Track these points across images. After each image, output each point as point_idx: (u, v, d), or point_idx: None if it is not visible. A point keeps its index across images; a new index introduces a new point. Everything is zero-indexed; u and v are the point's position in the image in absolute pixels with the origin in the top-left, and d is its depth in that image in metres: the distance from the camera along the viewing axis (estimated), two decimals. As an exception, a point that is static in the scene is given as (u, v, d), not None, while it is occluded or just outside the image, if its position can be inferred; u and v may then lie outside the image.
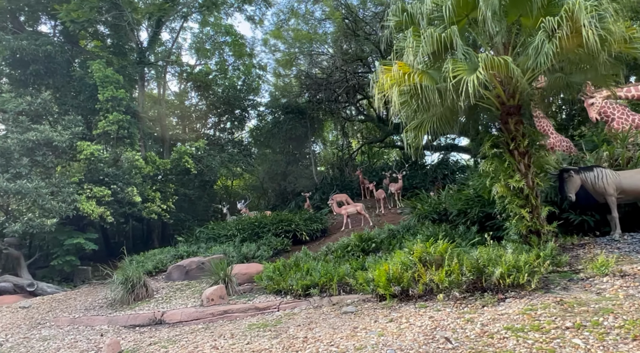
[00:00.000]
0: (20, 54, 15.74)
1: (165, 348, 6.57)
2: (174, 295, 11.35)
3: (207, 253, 14.43)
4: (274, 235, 15.13)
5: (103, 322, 10.03)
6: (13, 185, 12.92)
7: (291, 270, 9.61)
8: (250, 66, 25.13)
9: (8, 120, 14.62)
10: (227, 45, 27.37)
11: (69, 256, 14.88)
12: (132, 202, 16.49)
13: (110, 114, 16.22)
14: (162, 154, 22.49)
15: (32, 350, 8.28)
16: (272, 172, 25.15)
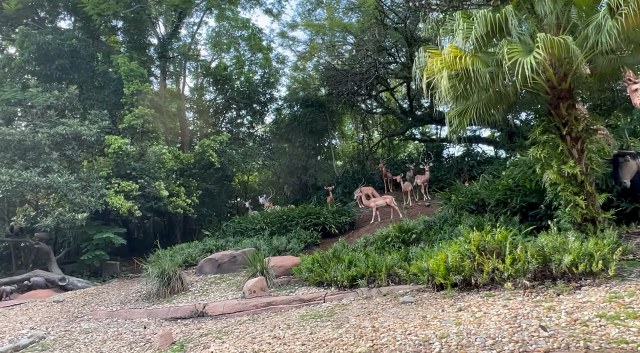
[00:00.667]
0: (45, 49, 15.69)
1: (220, 339, 6.43)
2: (209, 288, 11.25)
3: (237, 247, 14.32)
4: (303, 228, 14.98)
5: (142, 314, 9.95)
6: (45, 179, 12.89)
7: (332, 262, 9.43)
8: (269, 60, 24.92)
9: (35, 115, 14.59)
10: (243, 39, 27.20)
11: (98, 251, 14.87)
12: (159, 196, 16.43)
13: (135, 108, 16.14)
14: (181, 149, 22.42)
15: (76, 343, 8.21)
16: (292, 166, 24.98)
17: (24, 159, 13.36)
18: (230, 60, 27.06)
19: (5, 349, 8.31)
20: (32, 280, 13.71)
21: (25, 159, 13.36)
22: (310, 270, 9.63)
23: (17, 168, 12.99)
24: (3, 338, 9.18)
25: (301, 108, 24.49)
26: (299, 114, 24.49)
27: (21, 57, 15.91)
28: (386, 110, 24.69)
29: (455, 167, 20.04)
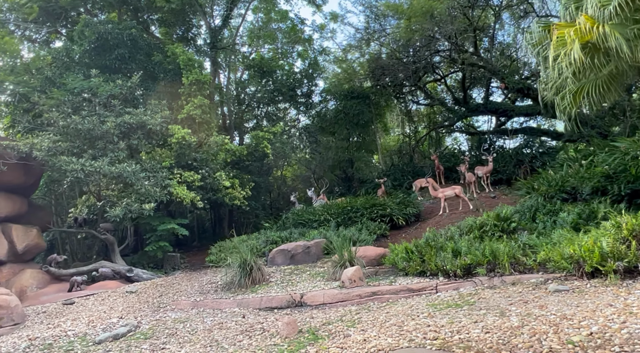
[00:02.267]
0: (105, 38, 15.54)
1: (353, 328, 6.02)
2: (291, 278, 10.89)
3: (303, 238, 13.97)
4: (369, 220, 14.53)
5: (231, 304, 9.64)
6: (114, 169, 12.71)
7: (431, 251, 8.95)
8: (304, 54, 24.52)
9: (99, 104, 14.44)
10: (283, 31, 26.85)
11: (162, 242, 14.68)
12: (217, 188, 16.18)
13: (194, 98, 15.90)
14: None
15: (179, 331, 7.92)
16: (337, 159, 24.54)
17: (93, 148, 13.20)
18: (268, 52, 26.78)
19: (105, 337, 8.07)
20: (101, 270, 13.58)
21: (94, 148, 13.20)
22: (408, 260, 9.18)
23: (87, 157, 12.83)
24: (95, 327, 8.96)
25: (346, 100, 23.99)
26: (343, 106, 24.00)
27: (80, 47, 15.80)
28: (434, 101, 24.05)
29: (514, 158, 19.31)
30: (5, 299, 10.04)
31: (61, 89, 13.88)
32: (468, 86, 21.48)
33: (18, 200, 14.06)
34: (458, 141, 30.75)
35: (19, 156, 12.83)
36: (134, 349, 7.20)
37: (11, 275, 13.26)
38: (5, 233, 13.54)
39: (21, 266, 13.71)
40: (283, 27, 27.01)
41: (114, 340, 8.03)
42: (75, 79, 14.05)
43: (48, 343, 8.26)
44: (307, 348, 5.51)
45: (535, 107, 19.83)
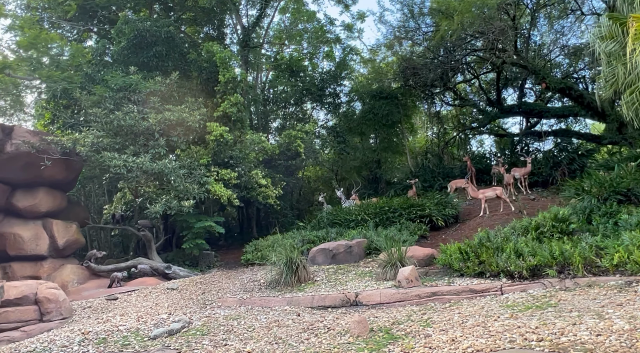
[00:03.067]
0: (143, 36, 15.60)
1: (429, 327, 5.82)
2: (336, 277, 10.72)
3: (341, 238, 13.80)
4: (408, 220, 14.28)
5: (281, 302, 9.51)
6: (156, 165, 12.70)
7: (488, 251, 8.69)
8: (345, 52, 24.39)
9: (138, 101, 14.48)
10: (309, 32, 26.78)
11: (198, 240, 14.62)
12: (250, 186, 16.11)
13: (231, 96, 15.86)
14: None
15: (235, 328, 7.80)
16: (365, 159, 24.33)
17: (134, 145, 13.22)
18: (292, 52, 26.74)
19: (159, 333, 7.99)
20: (139, 267, 13.57)
21: (135, 145, 13.22)
22: (464, 260, 8.94)
23: (128, 153, 12.85)
24: (146, 323, 8.89)
25: (374, 100, 23.78)
26: (371, 106, 23.78)
27: (118, 45, 15.89)
28: (464, 102, 23.70)
29: (551, 161, 18.87)
30: (54, 293, 10.06)
31: (102, 85, 13.95)
32: (502, 86, 21.10)
33: (59, 196, 14.17)
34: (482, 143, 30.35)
35: (62, 151, 12.91)
36: (195, 345, 7.09)
37: (52, 270, 13.33)
38: (46, 228, 13.63)
39: (61, 262, 13.78)
40: (310, 28, 26.97)
41: (169, 335, 7.95)
42: (116, 75, 14.10)
43: (102, 337, 8.21)
44: (388, 347, 5.32)
45: (572, 108, 19.38)
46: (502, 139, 27.07)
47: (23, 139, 12.42)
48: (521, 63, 16.07)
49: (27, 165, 12.82)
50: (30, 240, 13.10)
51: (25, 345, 8.27)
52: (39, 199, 13.45)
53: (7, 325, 9.43)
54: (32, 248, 13.09)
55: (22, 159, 12.60)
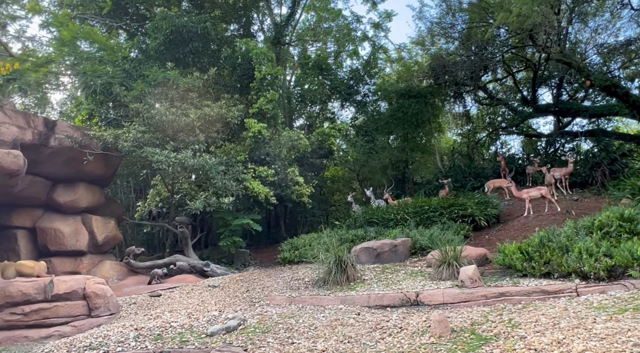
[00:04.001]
0: (180, 31, 15.52)
1: (518, 329, 5.51)
2: (386, 276, 10.44)
3: (382, 237, 13.53)
4: (450, 220, 13.95)
5: (333, 301, 9.26)
6: (197, 161, 12.57)
7: (553, 251, 8.35)
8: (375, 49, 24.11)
9: (175, 97, 14.37)
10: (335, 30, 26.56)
11: (235, 237, 14.46)
12: (285, 184, 15.91)
13: (267, 92, 15.69)
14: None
15: (296, 326, 7.58)
16: (393, 159, 23.99)
17: (175, 140, 13.11)
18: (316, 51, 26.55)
19: (216, 330, 7.81)
20: (178, 264, 13.46)
21: (176, 140, 13.10)
22: (527, 260, 8.61)
23: (169, 149, 12.73)
24: (198, 320, 8.71)
25: (403, 99, 23.45)
26: (400, 105, 23.45)
27: (154, 41, 15.83)
28: (496, 101, 23.22)
29: (590, 161, 18.34)
30: (102, 288, 9.94)
31: (141, 80, 13.87)
32: (539, 83, 20.60)
33: (97, 191, 14.13)
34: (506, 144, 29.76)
35: (103, 146, 12.85)
36: (259, 343, 6.88)
37: (91, 266, 13.28)
38: (85, 223, 13.59)
39: (99, 258, 13.73)
40: (334, 26, 26.75)
41: (227, 333, 7.76)
42: (156, 71, 14.03)
43: (156, 333, 8.06)
44: (484, 348, 5.05)
45: (612, 107, 18.83)
46: (529, 140, 26.56)
47: (66, 133, 12.38)
48: (565, 60, 15.62)
49: (69, 160, 12.79)
50: (70, 235, 13.06)
51: (79, 340, 8.16)
52: (79, 195, 13.42)
53: (57, 319, 9.33)
54: (72, 244, 13.04)
55: (65, 154, 12.56)
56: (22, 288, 9.35)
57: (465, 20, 19.93)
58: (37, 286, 9.43)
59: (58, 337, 9.00)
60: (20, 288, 9.34)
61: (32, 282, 9.54)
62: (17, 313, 9.22)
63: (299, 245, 14.68)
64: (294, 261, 14.13)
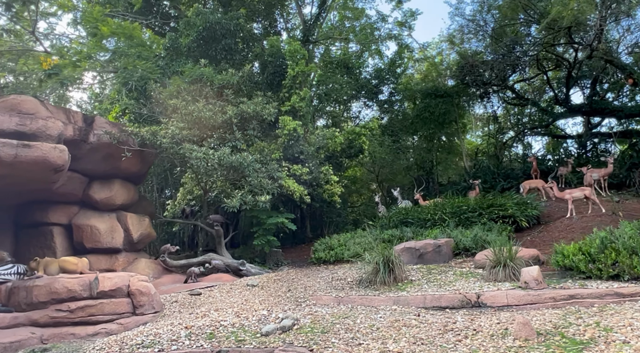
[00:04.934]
0: (214, 28, 15.38)
1: (612, 332, 5.20)
2: (434, 277, 10.14)
3: (420, 237, 13.24)
4: (490, 220, 13.60)
5: (386, 302, 8.99)
6: (235, 158, 12.39)
7: (619, 253, 8.02)
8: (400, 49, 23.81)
9: (208, 94, 14.22)
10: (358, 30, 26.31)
11: (269, 236, 14.24)
12: (317, 183, 15.68)
13: (300, 90, 15.49)
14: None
15: (354, 327, 7.31)
16: (419, 159, 23.70)
17: (212, 138, 12.94)
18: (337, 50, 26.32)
19: (271, 329, 7.60)
20: (214, 263, 13.28)
21: (213, 138, 12.94)
22: (592, 262, 8.27)
23: (207, 146, 12.57)
24: (247, 319, 8.50)
25: (430, 99, 23.13)
26: (426, 105, 23.12)
27: (187, 38, 15.71)
28: (525, 101, 22.79)
29: (628, 162, 17.89)
30: (146, 286, 9.78)
31: (178, 77, 13.74)
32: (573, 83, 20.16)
33: (132, 189, 14.01)
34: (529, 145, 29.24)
35: (141, 142, 12.73)
36: (323, 343, 6.64)
37: (126, 264, 13.14)
38: (120, 221, 13.47)
39: (134, 255, 13.60)
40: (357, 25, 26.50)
41: (283, 332, 7.53)
42: (191, 68, 13.89)
43: (208, 332, 7.86)
44: None
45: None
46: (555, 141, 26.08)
47: (104, 130, 12.26)
48: (606, 57, 15.21)
49: (106, 156, 12.68)
50: (106, 232, 12.94)
51: (129, 338, 7.99)
52: (114, 192, 13.30)
53: (102, 317, 9.18)
54: (108, 241, 12.92)
55: (103, 151, 12.45)
56: (67, 284, 9.22)
57: (497, 18, 19.60)
58: (82, 283, 9.29)
59: (105, 334, 8.84)
60: (65, 285, 9.21)
61: (77, 279, 9.41)
62: (63, 309, 9.08)
63: (333, 245, 14.42)
64: (330, 261, 13.88)
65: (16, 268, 10.25)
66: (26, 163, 9.03)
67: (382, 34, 26.28)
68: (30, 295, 9.25)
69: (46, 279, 9.45)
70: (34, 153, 9.07)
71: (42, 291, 9.18)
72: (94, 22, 14.20)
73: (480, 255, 10.52)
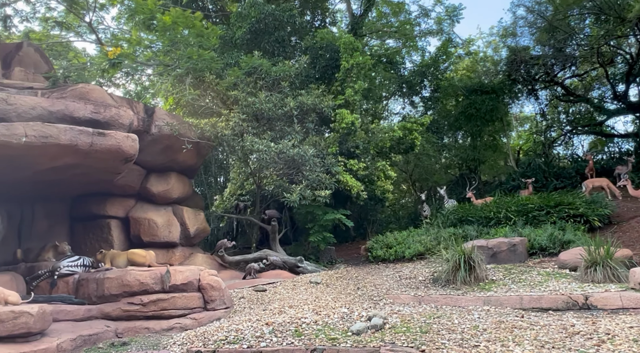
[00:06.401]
0: (266, 20, 15.07)
1: None
2: (518, 277, 9.55)
3: (485, 236, 12.65)
4: (560, 219, 12.91)
5: (475, 302, 8.47)
6: (297, 151, 12.00)
7: None
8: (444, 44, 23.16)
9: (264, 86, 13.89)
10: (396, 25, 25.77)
11: (326, 233, 13.82)
12: (369, 180, 15.21)
13: (355, 83, 15.04)
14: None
15: (454, 327, 6.79)
16: (464, 158, 22.99)
17: (272, 130, 12.59)
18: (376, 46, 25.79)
19: (362, 328, 7.12)
20: (271, 259, 12.94)
21: (274, 130, 12.59)
22: None
23: (267, 139, 12.22)
24: (329, 316, 8.03)
25: (476, 95, 22.44)
26: (472, 101, 22.42)
27: (239, 29, 15.43)
28: (576, 98, 21.90)
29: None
30: (216, 281, 9.46)
31: (234, 68, 13.44)
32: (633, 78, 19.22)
33: (187, 182, 13.79)
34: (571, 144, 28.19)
35: (201, 134, 12.46)
36: (431, 343, 6.14)
37: (183, 259, 12.89)
38: (176, 215, 13.23)
39: (190, 250, 13.35)
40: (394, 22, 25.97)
41: (376, 331, 7.05)
42: (248, 59, 13.57)
43: (292, 329, 7.44)
44: None
45: None
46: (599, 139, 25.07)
47: (165, 121, 12.02)
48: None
49: (165, 149, 12.45)
50: (163, 226, 12.70)
51: (210, 333, 7.63)
52: (171, 185, 13.07)
53: (175, 311, 8.89)
54: (165, 235, 12.68)
55: (162, 142, 12.21)
56: (139, 277, 8.96)
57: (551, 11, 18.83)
58: (153, 276, 9.02)
59: (179, 329, 8.54)
60: (137, 277, 8.96)
61: (148, 271, 9.14)
62: (135, 303, 8.82)
63: (390, 243, 13.92)
64: (390, 259, 13.37)
65: (82, 260, 10.06)
66: (100, 152, 8.80)
67: (422, 30, 25.74)
68: (101, 287, 9.04)
69: (117, 271, 9.22)
70: (108, 142, 8.83)
71: (114, 283, 8.95)
72: (148, 13, 14.02)
73: (566, 254, 9.89)
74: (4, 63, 12.10)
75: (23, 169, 8.88)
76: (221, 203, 16.04)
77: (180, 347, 7.39)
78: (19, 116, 7.77)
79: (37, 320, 6.82)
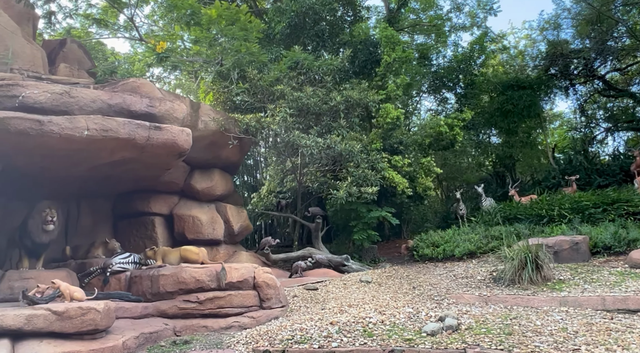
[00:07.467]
0: (306, 13, 14.79)
1: None
2: (589, 277, 9.09)
3: (538, 235, 12.14)
4: (618, 217, 12.33)
5: (549, 303, 8.03)
6: (345, 146, 11.68)
7: None
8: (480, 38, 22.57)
9: (307, 80, 13.60)
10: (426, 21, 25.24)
11: (370, 231, 13.47)
12: (411, 177, 14.79)
13: (397, 78, 14.66)
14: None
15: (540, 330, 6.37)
16: (501, 155, 22.37)
17: (318, 125, 12.31)
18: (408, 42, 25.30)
19: (436, 328, 6.74)
20: (317, 257, 12.64)
21: (320, 125, 12.30)
22: None
23: (313, 134, 11.93)
24: (395, 316, 7.67)
25: (512, 91, 21.79)
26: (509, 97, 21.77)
27: (278, 24, 15.20)
28: (620, 91, 21.10)
29: None
30: (272, 278, 9.19)
31: (277, 63, 13.21)
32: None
33: (229, 179, 13.60)
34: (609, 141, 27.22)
35: (245, 130, 12.24)
36: (523, 346, 5.75)
37: (227, 256, 12.66)
38: (220, 212, 13.03)
39: (233, 248, 13.15)
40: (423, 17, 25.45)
41: (453, 331, 6.67)
42: (293, 53, 13.32)
43: (359, 329, 7.12)
44: None
45: None
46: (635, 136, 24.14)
47: (210, 116, 11.83)
48: None
49: (210, 145, 12.24)
50: (207, 223, 12.51)
51: (274, 332, 7.35)
52: (215, 182, 12.89)
53: (232, 309, 8.63)
54: (209, 232, 12.48)
55: (207, 138, 12.01)
56: (195, 274, 8.74)
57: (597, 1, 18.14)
58: (209, 274, 8.79)
59: (238, 328, 8.29)
60: (193, 275, 8.74)
61: (203, 269, 8.91)
62: (192, 301, 8.59)
63: (436, 242, 13.51)
64: (438, 258, 12.96)
65: (133, 257, 9.92)
66: (156, 146, 8.61)
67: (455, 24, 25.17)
68: (156, 284, 8.84)
69: (172, 268, 9.02)
70: (164, 136, 8.63)
71: (169, 281, 8.74)
72: (188, 8, 13.88)
73: (638, 253, 9.35)
74: (49, 60, 12.08)
75: (78, 165, 8.75)
76: (259, 201, 15.81)
77: (245, 346, 7.12)
78: (80, 109, 7.62)
79: (103, 317, 6.64)
